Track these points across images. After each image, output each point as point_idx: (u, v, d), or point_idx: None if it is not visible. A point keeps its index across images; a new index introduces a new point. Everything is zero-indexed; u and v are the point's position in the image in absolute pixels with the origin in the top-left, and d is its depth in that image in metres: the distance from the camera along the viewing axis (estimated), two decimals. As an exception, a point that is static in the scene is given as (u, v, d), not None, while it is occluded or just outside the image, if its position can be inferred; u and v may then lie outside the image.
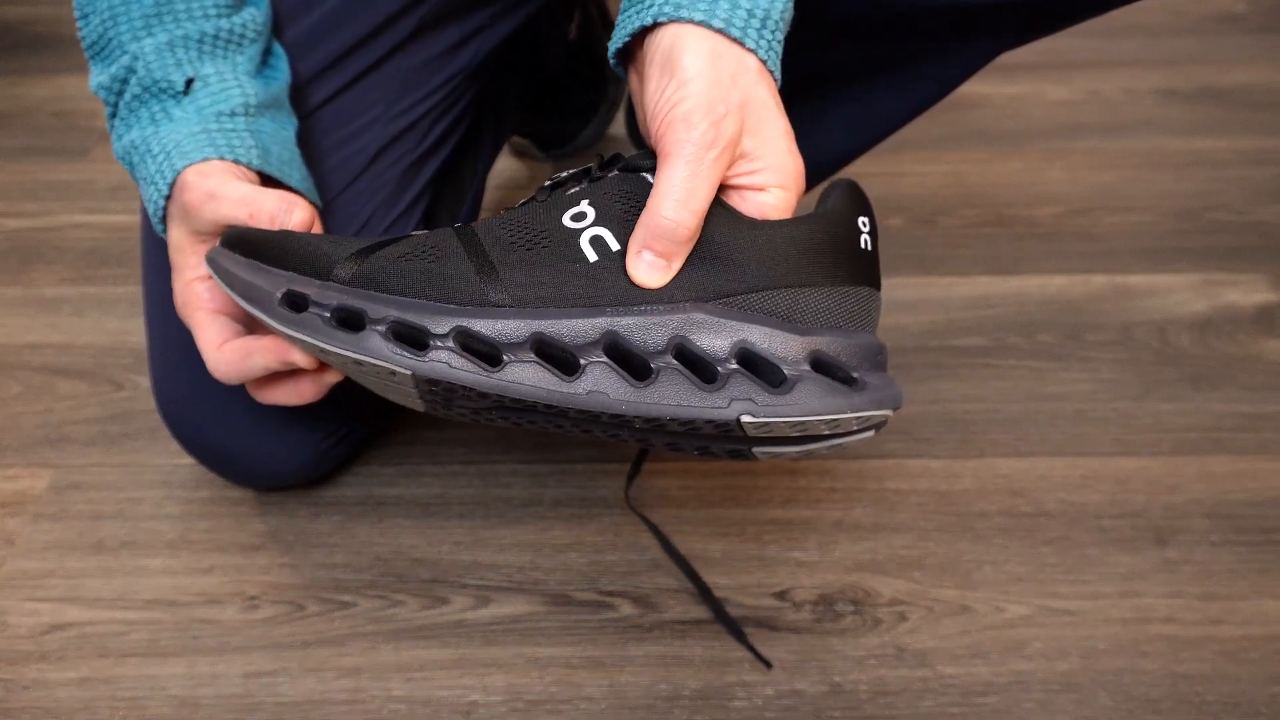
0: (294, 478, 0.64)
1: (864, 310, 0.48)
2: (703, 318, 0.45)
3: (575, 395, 0.44)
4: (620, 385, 0.44)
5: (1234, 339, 0.76)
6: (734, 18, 0.45)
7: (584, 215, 0.47)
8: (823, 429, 0.45)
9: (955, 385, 0.73)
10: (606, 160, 0.50)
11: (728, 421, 0.44)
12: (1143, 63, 1.10)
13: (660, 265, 0.45)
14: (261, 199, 0.50)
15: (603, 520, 0.64)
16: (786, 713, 0.55)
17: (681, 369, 0.45)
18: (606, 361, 0.44)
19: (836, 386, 0.45)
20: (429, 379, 0.45)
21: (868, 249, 0.49)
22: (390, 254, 0.47)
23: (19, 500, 0.67)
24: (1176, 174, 0.93)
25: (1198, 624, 0.58)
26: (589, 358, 0.44)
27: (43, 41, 1.20)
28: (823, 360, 0.46)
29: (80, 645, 0.59)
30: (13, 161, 1.00)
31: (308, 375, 0.52)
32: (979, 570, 0.61)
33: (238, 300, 0.47)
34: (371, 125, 0.62)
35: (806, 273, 0.46)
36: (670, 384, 0.44)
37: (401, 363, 0.44)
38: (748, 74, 0.45)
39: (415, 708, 0.55)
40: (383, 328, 0.45)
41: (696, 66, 0.44)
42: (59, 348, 0.78)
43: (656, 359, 0.45)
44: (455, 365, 0.44)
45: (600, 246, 0.46)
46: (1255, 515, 0.64)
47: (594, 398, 0.44)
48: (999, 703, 0.55)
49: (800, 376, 0.45)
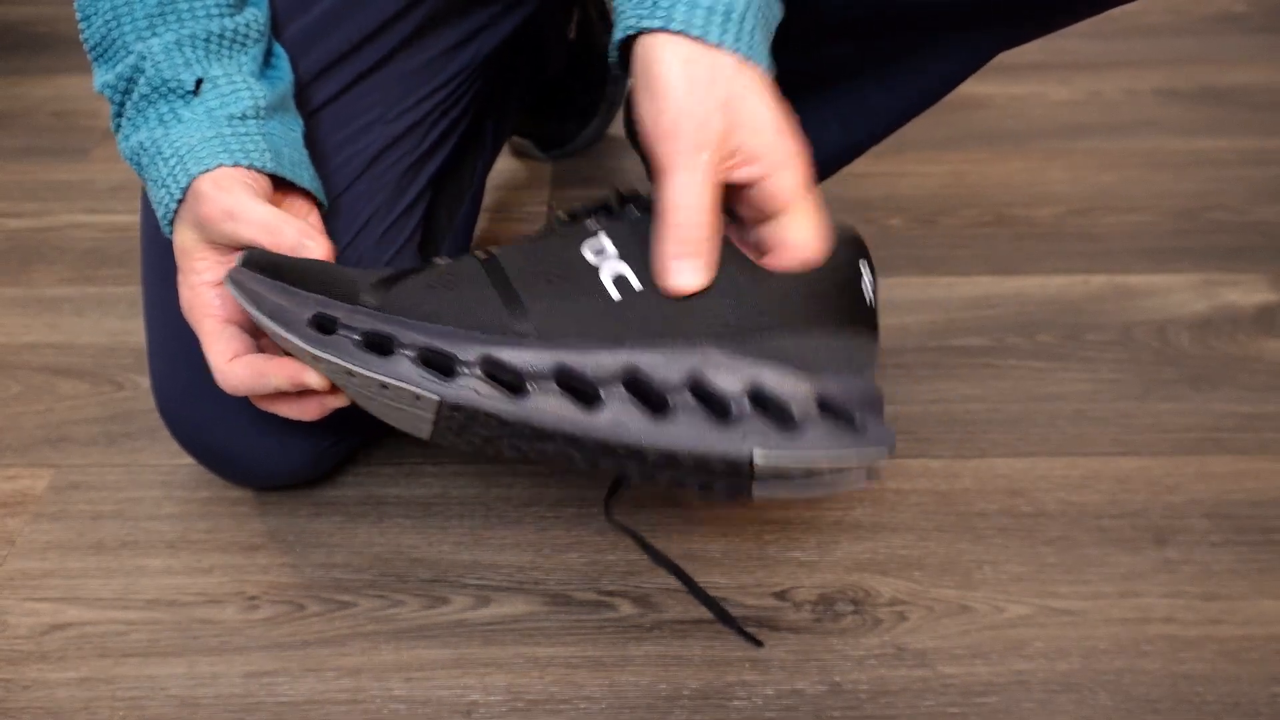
0: (294, 477, 0.64)
1: (865, 356, 0.50)
2: (719, 357, 0.46)
3: (596, 426, 0.46)
4: (638, 418, 0.46)
5: (1234, 339, 0.76)
6: (693, 18, 0.45)
7: (604, 250, 0.48)
8: (825, 468, 0.47)
9: (955, 385, 0.73)
10: (624, 196, 0.51)
11: (740, 459, 0.46)
12: (1143, 63, 1.10)
13: (691, 265, 0.46)
14: (283, 228, 0.50)
15: (603, 520, 0.64)
16: (786, 713, 0.55)
17: (697, 405, 0.46)
18: (626, 395, 0.46)
19: (842, 428, 0.47)
20: (454, 405, 0.46)
21: (870, 303, 0.51)
22: (417, 283, 0.48)
23: (19, 500, 0.67)
24: (1176, 174, 0.93)
25: (1198, 624, 0.58)
26: (608, 390, 0.46)
27: (43, 41, 1.20)
28: (829, 403, 0.47)
29: (80, 645, 0.59)
30: (13, 161, 1.00)
31: (315, 396, 0.52)
32: (979, 570, 0.61)
33: (261, 320, 0.47)
34: (371, 127, 0.62)
35: (814, 316, 0.48)
36: (686, 420, 0.46)
37: (430, 388, 0.45)
38: (723, 71, 0.46)
39: (415, 708, 0.55)
40: (412, 353, 0.46)
41: (669, 76, 0.46)
42: (59, 348, 0.78)
43: (673, 395, 0.46)
44: (482, 393, 0.45)
45: (623, 285, 0.47)
46: (1255, 515, 0.64)
47: (614, 430, 0.45)
48: (999, 703, 0.55)
49: (808, 417, 0.47)
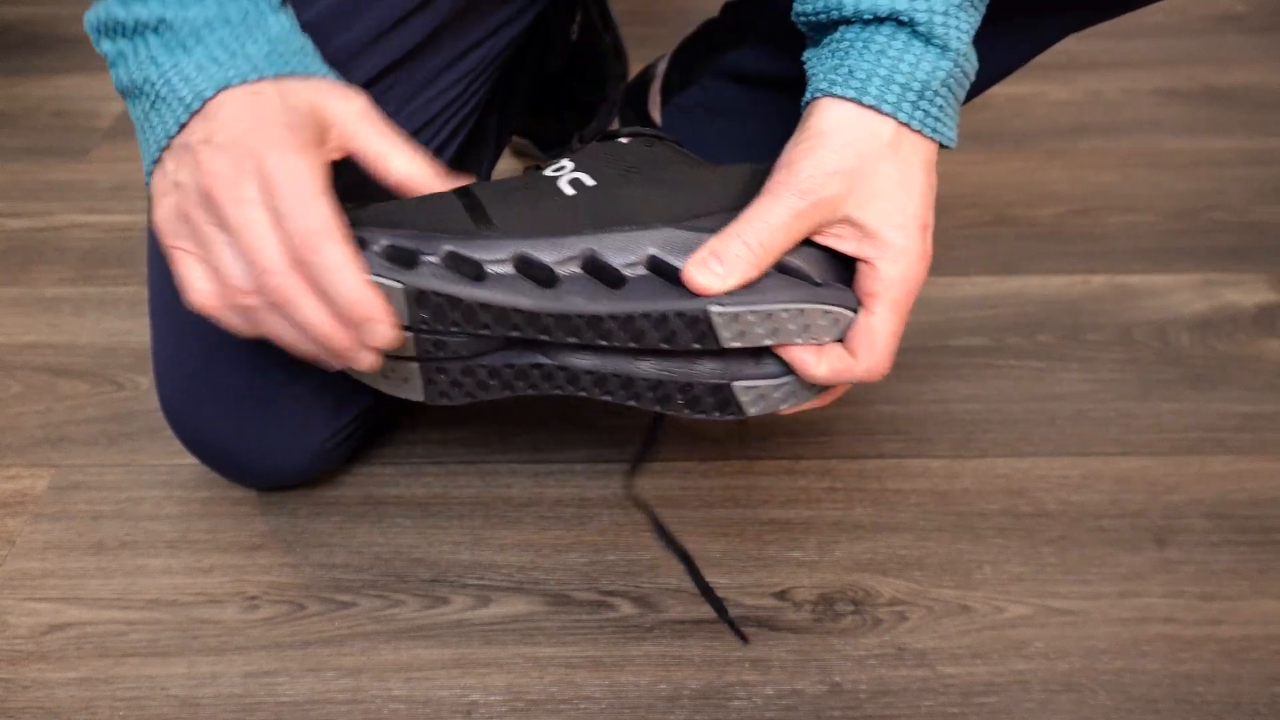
0: (294, 477, 0.64)
1: None
2: (675, 234, 0.48)
3: (556, 303, 0.47)
4: (596, 291, 0.48)
5: (1234, 339, 0.76)
6: (868, 87, 0.47)
7: (563, 167, 0.52)
8: (791, 326, 0.48)
9: (955, 385, 0.73)
10: (586, 136, 0.54)
11: (696, 311, 0.47)
12: (1143, 63, 1.10)
13: (716, 270, 0.47)
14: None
15: (603, 520, 0.64)
16: (786, 713, 0.55)
17: (653, 276, 0.48)
18: (583, 274, 0.48)
19: (799, 282, 0.48)
20: (418, 293, 0.47)
21: None
22: (389, 204, 0.50)
23: (19, 500, 0.67)
24: (1176, 174, 0.93)
25: (1198, 624, 0.58)
26: (566, 272, 0.48)
27: (43, 41, 1.20)
28: (787, 265, 0.49)
29: (80, 645, 0.59)
30: (13, 161, 1.00)
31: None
32: (979, 570, 0.61)
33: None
34: None
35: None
36: (643, 288, 0.48)
37: (392, 276, 0.47)
38: (872, 141, 0.47)
39: (415, 708, 0.55)
40: (378, 248, 0.47)
41: (819, 127, 0.48)
42: (59, 348, 0.78)
43: (630, 270, 0.48)
44: (439, 276, 0.47)
45: (578, 185, 0.50)
46: (1255, 515, 0.64)
47: (572, 303, 0.47)
48: (999, 703, 0.55)
49: (766, 275, 0.48)
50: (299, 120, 0.47)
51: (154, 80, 0.48)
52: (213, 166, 0.46)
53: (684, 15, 0.93)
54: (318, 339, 0.47)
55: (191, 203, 0.46)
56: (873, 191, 0.48)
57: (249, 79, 0.48)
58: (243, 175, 0.45)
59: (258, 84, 0.48)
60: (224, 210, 0.45)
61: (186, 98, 0.48)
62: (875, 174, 0.47)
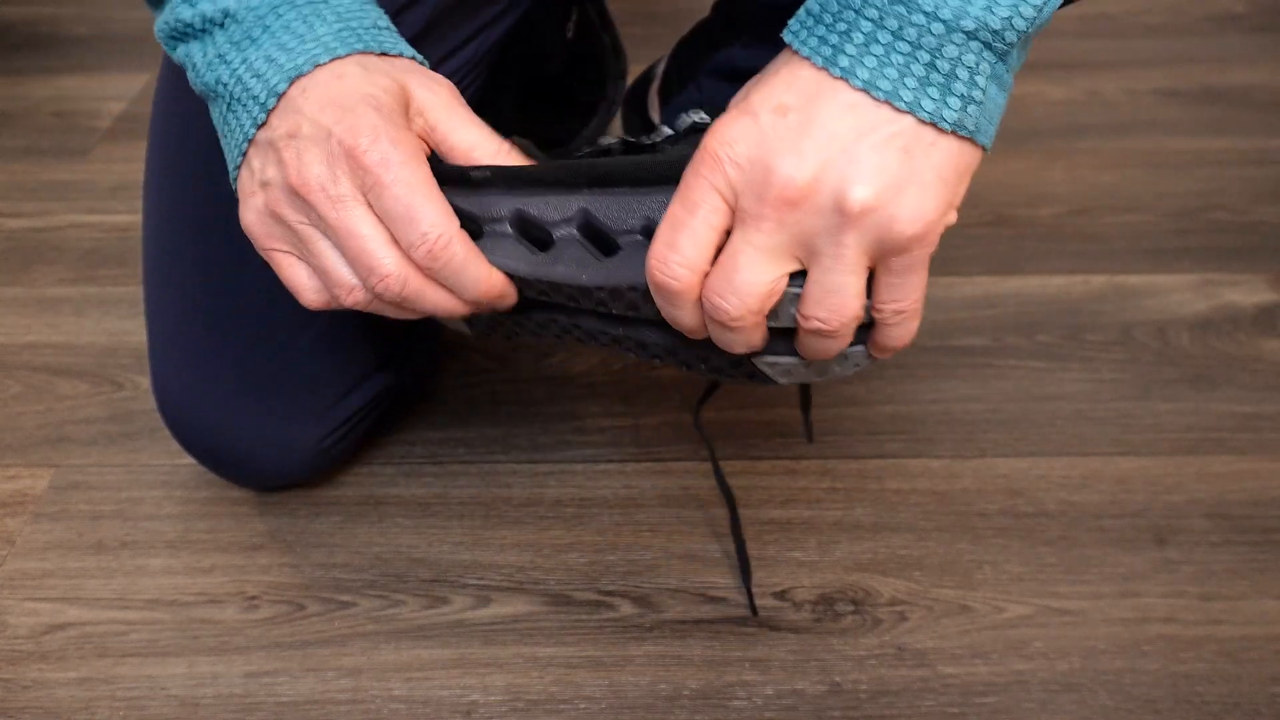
0: (290, 477, 0.64)
1: None
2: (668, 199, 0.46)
3: (551, 270, 0.46)
4: (587, 259, 0.46)
5: (1234, 339, 0.76)
6: (884, 72, 0.39)
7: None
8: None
9: (955, 385, 0.73)
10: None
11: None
12: (1143, 63, 1.10)
13: (672, 263, 0.45)
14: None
15: (603, 520, 0.64)
16: (786, 713, 0.55)
17: (647, 243, 0.45)
18: (578, 238, 0.46)
19: None
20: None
21: None
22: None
23: (19, 500, 0.67)
24: (1176, 174, 0.93)
25: (1198, 624, 0.58)
26: (561, 232, 0.46)
27: (43, 41, 1.20)
28: None
29: (80, 645, 0.59)
30: (13, 161, 1.00)
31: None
32: (979, 570, 0.61)
33: None
34: None
35: None
36: (635, 256, 0.45)
37: (515, 261, 0.46)
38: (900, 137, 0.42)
39: (415, 708, 0.55)
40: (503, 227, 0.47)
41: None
42: (59, 348, 0.78)
43: (624, 237, 0.46)
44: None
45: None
46: (1255, 515, 0.64)
47: (561, 271, 0.46)
48: (999, 703, 0.55)
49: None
50: (389, 102, 0.45)
51: (226, 81, 0.46)
52: (300, 163, 0.44)
53: (684, 15, 0.92)
54: (434, 315, 0.48)
55: (281, 201, 0.45)
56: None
57: (321, 61, 0.46)
58: (335, 170, 0.44)
59: (339, 65, 0.46)
60: (320, 210, 0.44)
61: (260, 95, 0.46)
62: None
